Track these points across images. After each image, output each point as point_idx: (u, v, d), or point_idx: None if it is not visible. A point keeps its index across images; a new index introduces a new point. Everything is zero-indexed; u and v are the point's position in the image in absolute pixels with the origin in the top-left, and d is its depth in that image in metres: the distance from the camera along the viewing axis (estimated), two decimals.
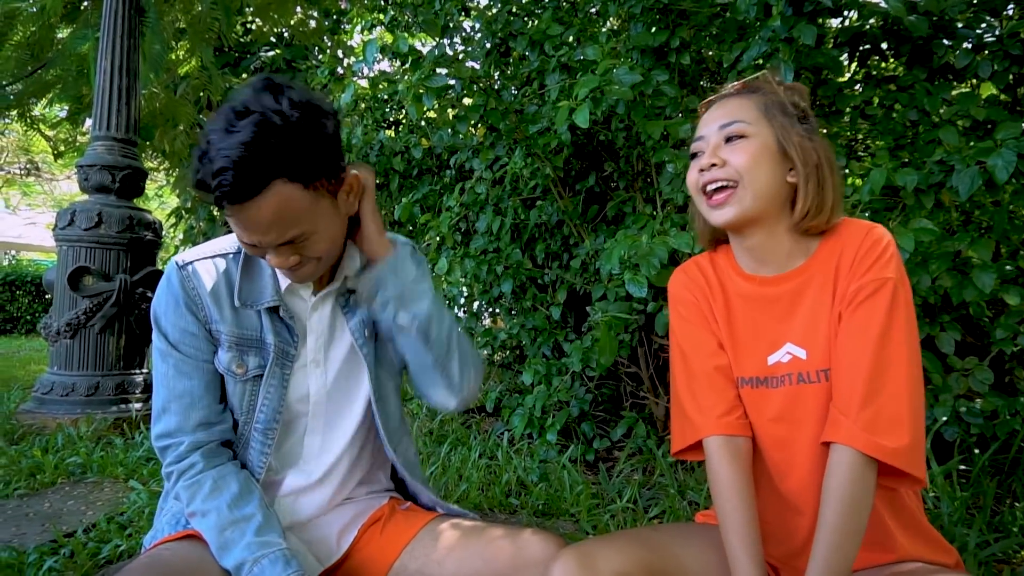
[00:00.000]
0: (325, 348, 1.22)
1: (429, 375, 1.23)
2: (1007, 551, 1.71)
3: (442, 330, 1.20)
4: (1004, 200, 2.07)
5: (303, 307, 1.20)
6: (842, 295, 0.98)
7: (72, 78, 5.49)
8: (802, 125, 1.04)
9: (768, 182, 1.00)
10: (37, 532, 1.88)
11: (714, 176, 1.02)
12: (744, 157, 1.00)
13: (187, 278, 1.13)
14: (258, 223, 0.97)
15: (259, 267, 1.17)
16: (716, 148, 1.03)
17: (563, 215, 2.86)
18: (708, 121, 1.07)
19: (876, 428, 0.90)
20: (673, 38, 2.28)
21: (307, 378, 1.20)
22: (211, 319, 1.14)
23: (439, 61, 2.35)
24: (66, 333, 3.18)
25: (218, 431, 1.15)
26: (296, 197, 0.98)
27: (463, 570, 1.15)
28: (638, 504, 2.12)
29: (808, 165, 1.02)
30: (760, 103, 1.04)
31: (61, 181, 16.71)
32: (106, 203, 3.27)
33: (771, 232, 1.04)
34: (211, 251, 1.17)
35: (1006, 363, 2.23)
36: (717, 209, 1.03)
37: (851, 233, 1.01)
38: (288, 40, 6.06)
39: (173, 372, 1.13)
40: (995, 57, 2.00)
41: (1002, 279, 1.86)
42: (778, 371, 1.04)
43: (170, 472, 1.12)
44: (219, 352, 1.15)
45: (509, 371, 3.59)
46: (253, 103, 0.94)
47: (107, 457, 2.58)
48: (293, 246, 1.03)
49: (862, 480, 0.90)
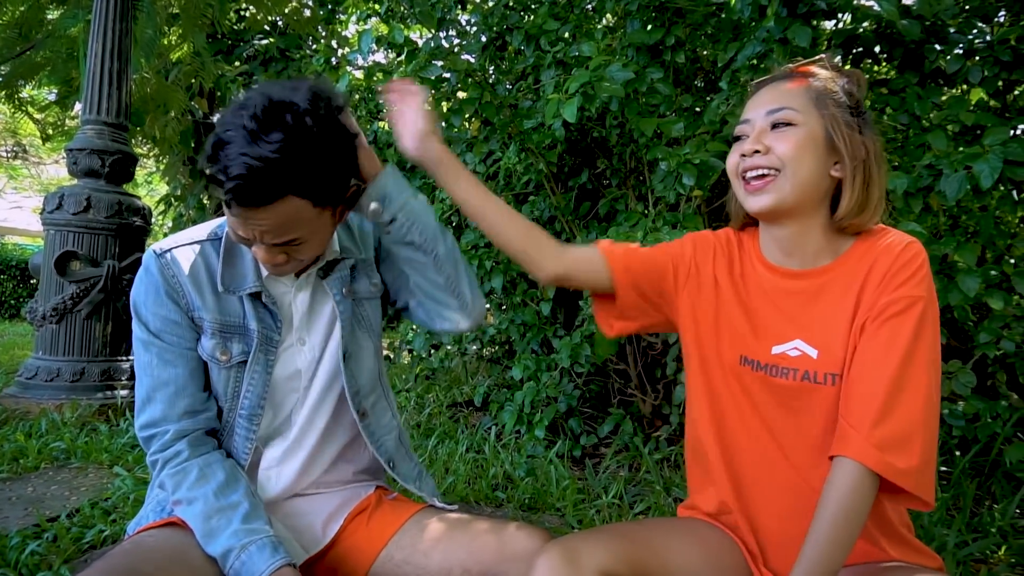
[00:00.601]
0: (308, 326, 1.22)
1: (441, 297, 1.25)
2: (985, 551, 1.74)
3: (448, 247, 1.23)
4: (991, 205, 2.10)
5: (285, 290, 1.20)
6: (869, 306, 0.96)
7: (62, 60, 5.43)
8: (855, 117, 1.01)
9: (810, 174, 0.98)
10: (20, 516, 1.87)
11: (756, 163, 1.00)
12: (788, 145, 0.97)
13: (166, 266, 1.12)
14: (258, 225, 0.99)
15: (240, 253, 1.16)
16: (761, 134, 1.00)
17: (555, 211, 2.87)
18: (756, 105, 1.04)
19: (888, 446, 0.88)
20: (668, 36, 2.29)
21: (294, 357, 1.21)
22: (193, 306, 1.13)
23: (434, 53, 2.35)
24: (52, 318, 3.15)
25: (203, 419, 1.15)
26: (303, 211, 1.00)
27: (448, 562, 1.15)
28: (624, 500, 2.14)
29: (856, 159, 0.99)
30: (812, 91, 1.00)
31: (48, 165, 16.53)
32: (95, 188, 3.24)
33: (805, 226, 1.03)
34: (189, 238, 1.17)
35: (988, 367, 2.26)
36: (754, 195, 1.01)
37: (888, 245, 0.98)
38: (282, 28, 6.02)
39: (156, 361, 1.12)
40: (985, 63, 2.02)
41: (987, 283, 1.88)
42: (783, 362, 1.03)
43: (155, 461, 1.12)
44: (202, 339, 1.15)
45: (498, 366, 3.59)
46: (285, 111, 0.95)
47: (91, 443, 2.56)
48: (284, 247, 1.05)
49: (863, 495, 0.89)
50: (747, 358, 1.07)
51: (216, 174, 0.95)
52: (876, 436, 0.89)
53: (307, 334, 1.22)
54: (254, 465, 1.22)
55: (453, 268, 1.24)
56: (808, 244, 1.04)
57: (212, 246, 1.16)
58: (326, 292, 1.23)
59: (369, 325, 1.30)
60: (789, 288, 1.05)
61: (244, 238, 1.04)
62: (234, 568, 1.01)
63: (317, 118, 0.97)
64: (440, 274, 1.23)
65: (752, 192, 1.01)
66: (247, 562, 1.01)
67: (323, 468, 1.29)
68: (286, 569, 1.02)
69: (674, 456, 2.45)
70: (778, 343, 1.04)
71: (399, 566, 1.19)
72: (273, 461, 1.23)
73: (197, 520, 1.06)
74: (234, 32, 5.94)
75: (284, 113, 0.95)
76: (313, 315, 1.23)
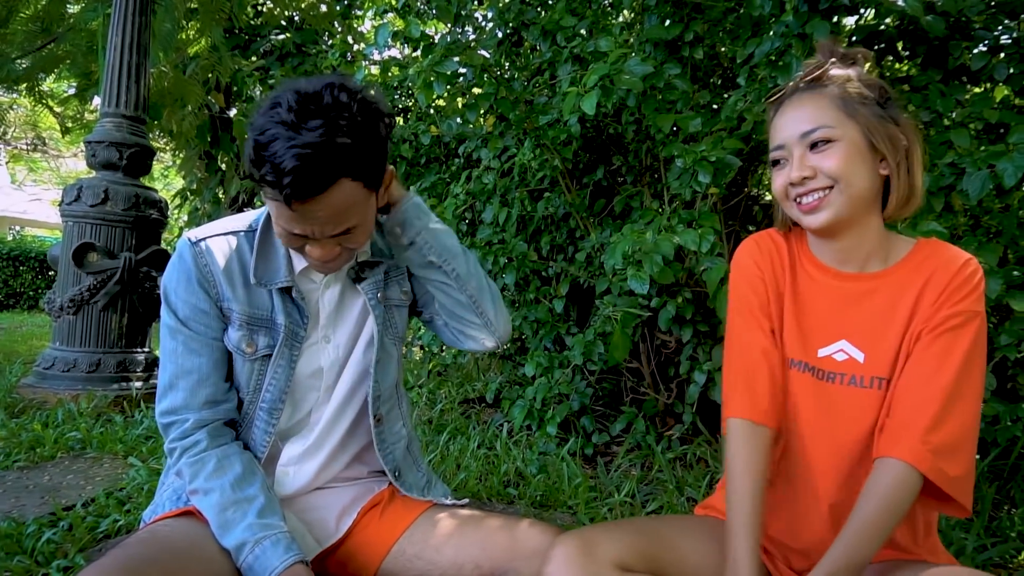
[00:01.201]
0: (334, 325, 1.23)
1: (465, 315, 1.28)
2: (1004, 555, 1.71)
3: (471, 267, 1.26)
4: (1013, 205, 2.06)
5: (314, 287, 1.20)
6: (927, 317, 0.96)
7: (81, 54, 5.48)
8: (885, 109, 0.99)
9: (863, 182, 0.97)
10: (36, 504, 1.89)
11: (810, 188, 0.98)
12: (835, 162, 0.96)
13: (200, 254, 1.13)
14: (316, 217, 0.99)
15: (274, 247, 1.17)
16: (802, 159, 0.98)
17: (570, 208, 2.85)
18: (784, 127, 1.01)
19: (941, 453, 0.90)
20: (687, 32, 2.26)
21: (318, 354, 1.21)
22: (223, 297, 1.14)
23: (451, 48, 2.34)
24: (69, 309, 3.18)
25: (223, 410, 1.15)
26: (356, 193, 1.01)
27: (460, 558, 1.16)
28: (636, 498, 2.13)
29: (899, 153, 0.99)
30: (837, 99, 0.98)
31: (67, 158, 16.70)
32: (113, 180, 3.26)
33: (861, 233, 1.02)
34: (224, 228, 1.17)
35: (1009, 369, 2.22)
36: (811, 215, 1.00)
37: (945, 259, 0.99)
38: (299, 24, 6.03)
39: (182, 349, 1.13)
40: (1011, 59, 1.98)
41: (1008, 285, 1.85)
42: (828, 365, 1.03)
43: (173, 448, 1.13)
44: (229, 330, 1.15)
45: (510, 363, 3.59)
46: (318, 99, 0.95)
47: (107, 433, 2.58)
48: (339, 238, 1.05)
49: (906, 496, 0.90)
50: (795, 360, 1.07)
51: (266, 175, 0.94)
52: (931, 441, 0.90)
53: (333, 332, 1.23)
54: (271, 459, 1.23)
55: (476, 287, 1.26)
56: (864, 249, 1.03)
57: (247, 238, 1.17)
58: (357, 293, 1.24)
59: (396, 332, 1.31)
60: (840, 290, 1.05)
61: (299, 236, 1.03)
62: (247, 562, 1.02)
63: (351, 100, 0.97)
64: (463, 293, 1.26)
65: (808, 212, 1.00)
66: (260, 557, 1.01)
67: (340, 468, 1.29)
68: (298, 566, 1.02)
69: (687, 456, 2.44)
70: (824, 345, 1.04)
71: (411, 561, 1.19)
72: (292, 459, 1.23)
73: (212, 511, 1.06)
74: (251, 27, 5.96)
75: (318, 101, 0.95)
76: (340, 314, 1.24)
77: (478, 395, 3.59)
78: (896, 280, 1.01)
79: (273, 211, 1.03)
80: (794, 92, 1.03)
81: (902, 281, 1.01)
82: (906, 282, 1.00)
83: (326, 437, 1.25)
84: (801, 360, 1.06)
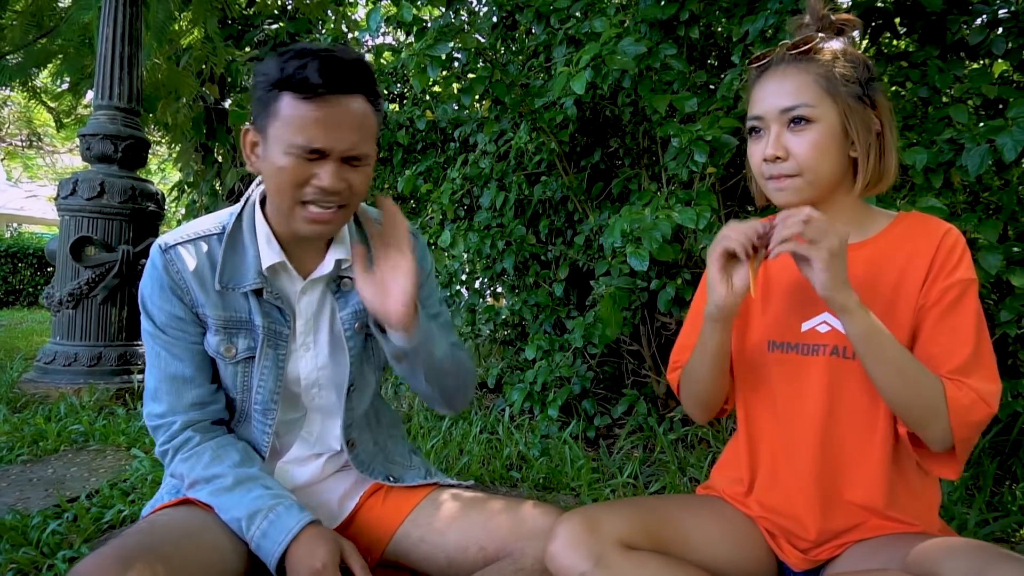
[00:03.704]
0: (314, 332, 1.20)
1: (423, 389, 1.21)
2: (1006, 530, 1.72)
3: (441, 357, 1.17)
4: (1013, 181, 2.05)
5: (292, 290, 1.17)
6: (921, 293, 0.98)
7: (75, 48, 5.43)
8: (866, 90, 0.99)
9: (830, 170, 0.98)
10: (41, 497, 1.90)
11: (779, 171, 0.99)
12: (808, 148, 0.97)
13: (171, 262, 1.11)
14: (341, 123, 1.00)
15: (242, 248, 1.13)
16: (779, 136, 0.98)
17: (567, 191, 2.84)
18: (765, 98, 1.00)
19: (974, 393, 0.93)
20: (682, 11, 2.24)
21: (298, 362, 1.19)
22: (197, 303, 1.12)
23: (444, 31, 2.32)
24: (68, 303, 3.18)
25: (211, 411, 1.15)
26: (371, 116, 1.04)
27: (464, 540, 1.16)
28: (639, 480, 2.13)
29: (870, 136, 0.99)
30: (822, 78, 0.97)
31: (63, 154, 16.67)
32: (108, 173, 3.25)
33: (834, 209, 1.02)
34: (194, 232, 1.14)
35: (1010, 345, 2.22)
36: (779, 191, 1.01)
37: (925, 232, 1.00)
38: (292, 13, 5.99)
39: (164, 354, 1.13)
40: (1010, 34, 1.97)
41: (1008, 260, 1.84)
42: (812, 339, 1.04)
43: (165, 451, 1.12)
44: (207, 335, 1.14)
45: (511, 348, 3.59)
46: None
47: (109, 426, 2.59)
48: (351, 167, 1.04)
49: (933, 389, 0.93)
50: (775, 342, 1.07)
51: (297, 72, 0.97)
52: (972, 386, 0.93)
53: (313, 340, 1.20)
54: (274, 453, 1.23)
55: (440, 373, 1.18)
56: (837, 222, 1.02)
57: (217, 240, 1.14)
58: (334, 313, 1.20)
59: (376, 361, 1.28)
60: None
61: (313, 156, 1.00)
62: (261, 528, 1.02)
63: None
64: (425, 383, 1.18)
65: (776, 187, 1.01)
66: (276, 521, 1.02)
67: (340, 465, 1.30)
68: (315, 526, 1.03)
69: (689, 437, 2.44)
70: (807, 318, 1.05)
71: (416, 544, 1.19)
72: (293, 460, 1.24)
73: (217, 493, 1.06)
74: (244, 17, 5.92)
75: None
76: (320, 324, 1.20)
77: (480, 381, 3.59)
78: (875, 251, 1.02)
79: (291, 126, 0.98)
80: (780, 62, 1.01)
81: (882, 252, 1.01)
82: (887, 254, 1.01)
83: (322, 442, 1.25)
84: (783, 341, 1.06)
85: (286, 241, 1.14)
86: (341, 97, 0.98)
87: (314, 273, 1.17)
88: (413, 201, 3.50)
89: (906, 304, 0.98)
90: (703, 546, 1.04)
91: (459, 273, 3.34)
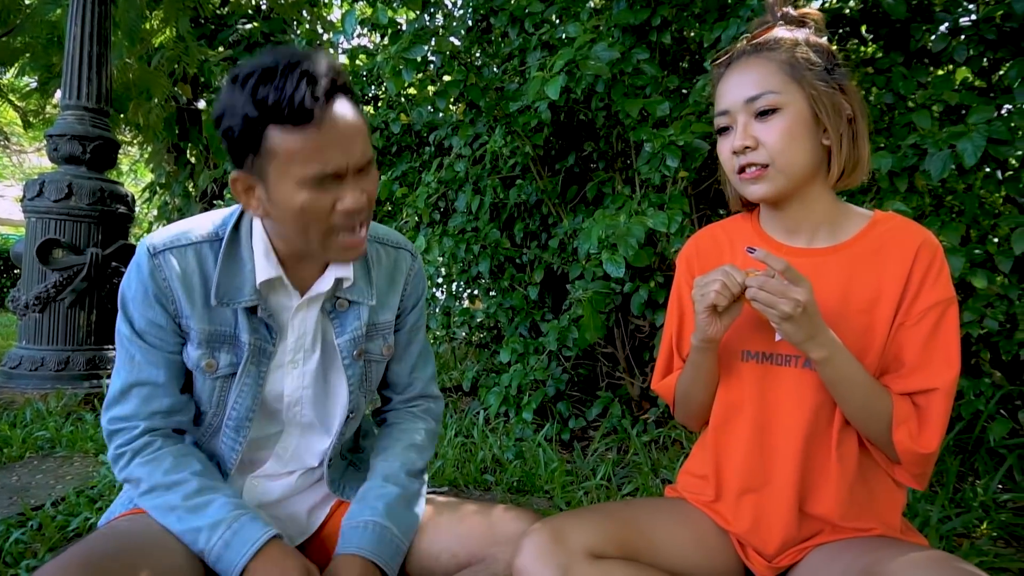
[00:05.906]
0: (305, 351, 1.15)
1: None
2: (967, 525, 1.76)
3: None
4: (975, 185, 2.11)
5: (287, 306, 1.13)
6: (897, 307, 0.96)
7: (42, 46, 5.33)
8: (832, 75, 0.97)
9: (803, 158, 0.96)
10: (4, 505, 1.86)
11: (750, 160, 0.97)
12: (778, 136, 0.95)
13: (158, 268, 1.05)
14: (345, 135, 0.95)
15: (239, 261, 1.08)
16: (746, 127, 0.97)
17: (542, 195, 2.86)
18: (730, 91, 0.99)
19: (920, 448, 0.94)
20: (655, 16, 2.27)
21: (283, 378, 1.15)
22: (182, 314, 1.06)
23: (419, 35, 2.32)
24: (35, 307, 3.12)
25: (176, 421, 1.11)
26: (359, 112, 0.99)
27: (436, 546, 1.14)
28: (612, 481, 2.14)
29: (842, 122, 0.97)
30: (785, 64, 0.96)
31: (30, 154, 16.29)
32: (76, 174, 3.19)
33: (808, 203, 1.01)
34: (187, 238, 1.08)
35: (972, 345, 2.28)
36: (751, 184, 0.99)
37: (901, 241, 0.98)
38: (266, 12, 5.94)
39: (138, 358, 1.07)
40: (971, 41, 2.02)
41: (971, 263, 1.89)
42: (785, 348, 1.02)
43: (122, 453, 1.07)
44: (188, 347, 1.08)
45: (486, 351, 3.59)
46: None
47: (77, 432, 2.54)
48: (363, 176, 1.00)
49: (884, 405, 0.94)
50: (749, 352, 1.06)
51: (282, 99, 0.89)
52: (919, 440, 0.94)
53: (302, 359, 1.16)
54: (244, 467, 1.20)
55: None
56: (810, 218, 1.03)
57: (211, 249, 1.08)
58: (328, 335, 1.18)
59: (370, 387, 1.26)
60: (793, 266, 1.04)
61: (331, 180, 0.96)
62: (224, 538, 0.98)
63: None
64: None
65: (748, 181, 0.99)
66: (240, 531, 0.99)
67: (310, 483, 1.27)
68: (277, 542, 1.01)
69: (662, 438, 2.46)
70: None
71: None
72: (264, 475, 1.21)
73: (176, 501, 1.02)
74: (217, 16, 5.85)
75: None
76: (313, 341, 1.16)
77: (455, 384, 3.59)
78: (850, 259, 1.00)
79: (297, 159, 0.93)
80: (741, 55, 1.00)
81: (857, 260, 0.99)
82: (862, 262, 0.99)
83: (297, 459, 1.22)
84: (758, 351, 1.05)
85: (285, 255, 1.10)
86: (331, 108, 0.93)
87: (312, 290, 1.12)
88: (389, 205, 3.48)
89: (882, 321, 0.97)
90: (671, 553, 1.04)
91: (435, 277, 3.34)
